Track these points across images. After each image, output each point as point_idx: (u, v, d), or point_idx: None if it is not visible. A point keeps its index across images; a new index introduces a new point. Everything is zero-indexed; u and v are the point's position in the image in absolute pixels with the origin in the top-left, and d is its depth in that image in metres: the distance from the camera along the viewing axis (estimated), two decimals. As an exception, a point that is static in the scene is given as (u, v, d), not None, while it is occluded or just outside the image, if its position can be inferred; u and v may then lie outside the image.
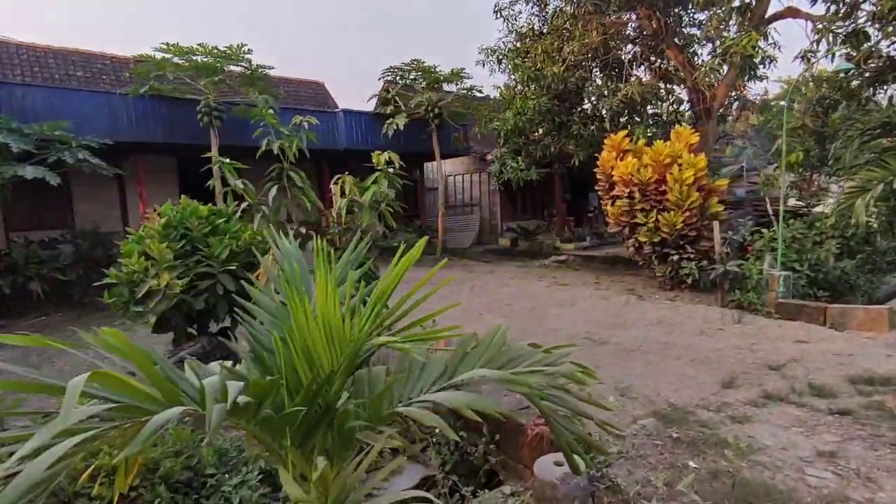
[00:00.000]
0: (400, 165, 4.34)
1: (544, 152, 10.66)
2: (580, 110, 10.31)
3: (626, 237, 8.65)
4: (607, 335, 5.87)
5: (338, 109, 13.08)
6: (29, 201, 11.45)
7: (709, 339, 5.56)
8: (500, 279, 10.27)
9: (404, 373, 2.02)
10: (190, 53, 9.01)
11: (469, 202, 19.34)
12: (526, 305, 7.70)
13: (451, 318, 6.82)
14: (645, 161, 8.18)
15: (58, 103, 9.07)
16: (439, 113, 13.17)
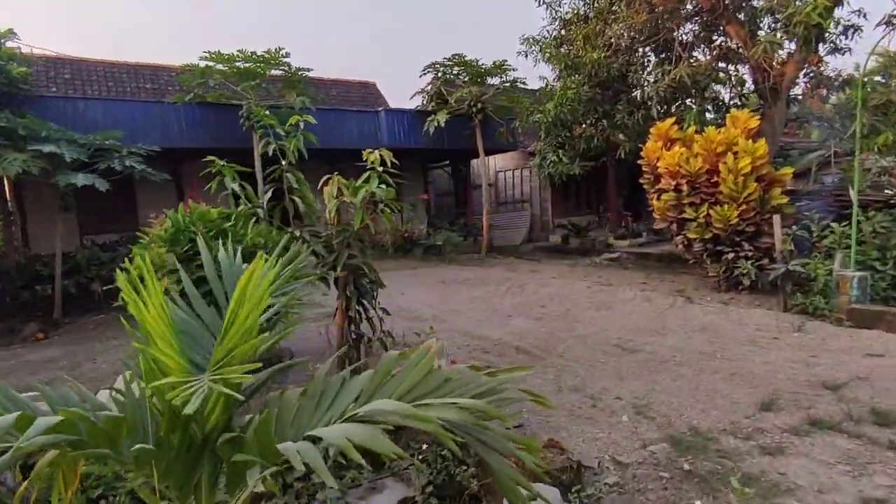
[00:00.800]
0: (393, 163, 4.11)
1: (588, 144, 10.04)
2: (626, 98, 9.57)
3: (674, 233, 7.94)
4: (640, 342, 5.35)
5: (380, 109, 13.09)
6: (100, 207, 12.38)
7: (758, 350, 4.91)
8: (541, 279, 9.82)
9: (314, 398, 1.79)
10: (231, 60, 9.30)
11: (520, 198, 18.83)
12: (560, 308, 7.25)
13: (476, 321, 6.54)
14: (695, 150, 7.44)
15: (115, 114, 9.68)
16: (482, 108, 12.83)
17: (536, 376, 4.53)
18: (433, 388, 1.75)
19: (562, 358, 5.03)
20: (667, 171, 7.62)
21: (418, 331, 4.65)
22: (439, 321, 6.84)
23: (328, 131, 12.21)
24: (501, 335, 5.97)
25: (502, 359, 5.11)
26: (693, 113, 8.36)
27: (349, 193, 3.75)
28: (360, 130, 12.69)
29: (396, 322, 6.92)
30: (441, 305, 7.80)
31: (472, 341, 5.79)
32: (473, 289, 9.04)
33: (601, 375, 4.46)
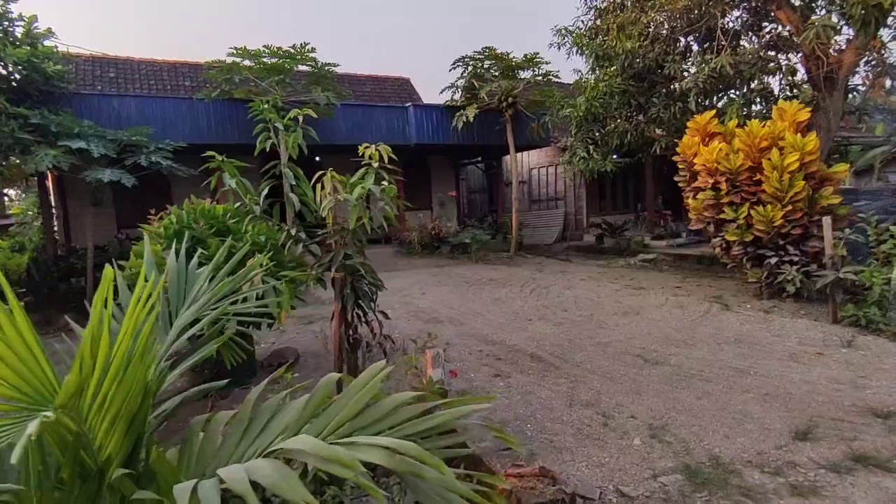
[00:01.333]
0: (391, 159, 3.89)
1: (621, 140, 9.51)
2: (662, 90, 8.98)
3: (712, 235, 7.38)
4: (666, 354, 4.94)
5: (408, 104, 12.92)
6: (136, 202, 12.76)
7: (798, 367, 4.42)
8: (568, 280, 9.41)
9: (242, 426, 1.57)
10: (257, 56, 9.32)
11: (553, 196, 18.31)
12: (584, 312, 6.87)
13: (494, 325, 6.25)
14: (736, 145, 6.88)
15: (147, 111, 9.90)
16: (513, 102, 12.45)
17: (548, 388, 4.23)
18: (375, 420, 1.51)
19: (579, 368, 4.70)
20: (704, 168, 7.08)
21: (416, 336, 4.37)
22: (457, 323, 6.61)
23: (357, 127, 12.17)
24: (518, 341, 5.67)
25: (514, 367, 4.82)
26: (736, 105, 7.72)
27: (344, 190, 3.55)
28: (388, 126, 12.56)
29: (412, 323, 6.76)
30: (461, 307, 7.55)
31: (486, 346, 5.51)
32: (497, 290, 8.74)
33: (618, 389, 4.10)
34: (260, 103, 4.81)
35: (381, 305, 7.82)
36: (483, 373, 4.69)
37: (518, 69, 12.20)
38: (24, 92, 8.16)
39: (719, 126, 7.33)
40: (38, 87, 8.37)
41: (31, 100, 8.33)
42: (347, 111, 12.11)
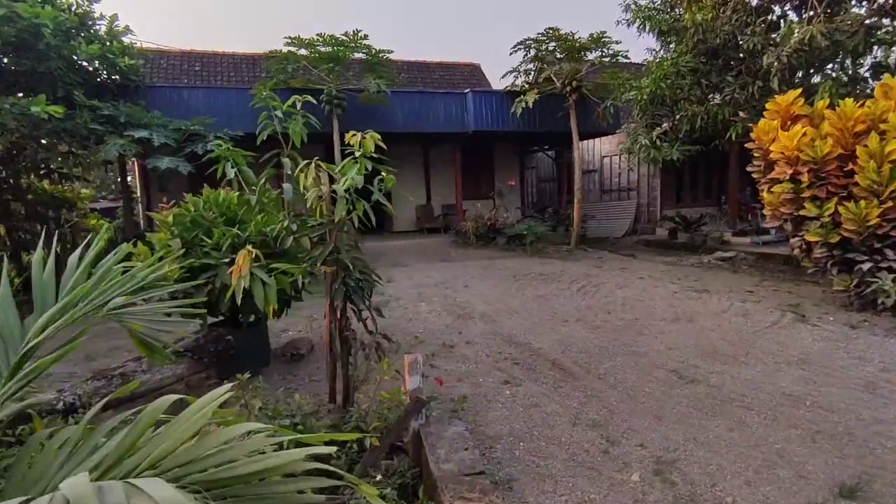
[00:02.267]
0: (378, 147, 3.62)
1: (692, 125, 8.49)
2: (738, 68, 7.84)
3: (790, 234, 6.39)
4: (707, 371, 4.30)
5: (467, 90, 12.56)
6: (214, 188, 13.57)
7: (873, 401, 3.64)
8: (624, 278, 8.68)
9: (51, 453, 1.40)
10: (311, 44, 9.42)
11: (626, 186, 17.13)
12: (629, 316, 6.24)
13: (527, 324, 5.86)
14: (824, 130, 5.85)
15: (213, 101, 10.40)
16: (578, 86, 11.68)
17: (557, 401, 3.81)
18: (196, 457, 1.28)
19: (600, 380, 4.21)
20: (782, 157, 6.11)
21: (441, 333, 4.09)
22: (488, 321, 6.28)
23: (414, 115, 12.04)
24: (545, 344, 5.24)
25: (530, 373, 4.43)
26: (829, 83, 6.56)
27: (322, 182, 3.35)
28: (446, 113, 12.30)
29: (442, 318, 6.50)
30: (499, 302, 7.19)
31: (508, 348, 5.15)
32: (543, 286, 8.25)
33: (636, 410, 3.60)
34: (261, 89, 4.73)
35: (422, 297, 7.72)
36: (494, 378, 4.35)
37: (583, 50, 11.39)
38: (102, 86, 8.85)
39: (805, 108, 6.28)
40: (115, 81, 9.04)
41: (109, 93, 9.02)
42: (404, 99, 12.01)
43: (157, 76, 16.16)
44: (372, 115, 11.50)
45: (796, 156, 5.94)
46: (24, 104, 6.77)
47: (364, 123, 11.52)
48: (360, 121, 11.41)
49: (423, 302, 7.41)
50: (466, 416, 3.64)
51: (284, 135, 4.60)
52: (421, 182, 15.88)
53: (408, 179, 15.71)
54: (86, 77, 8.40)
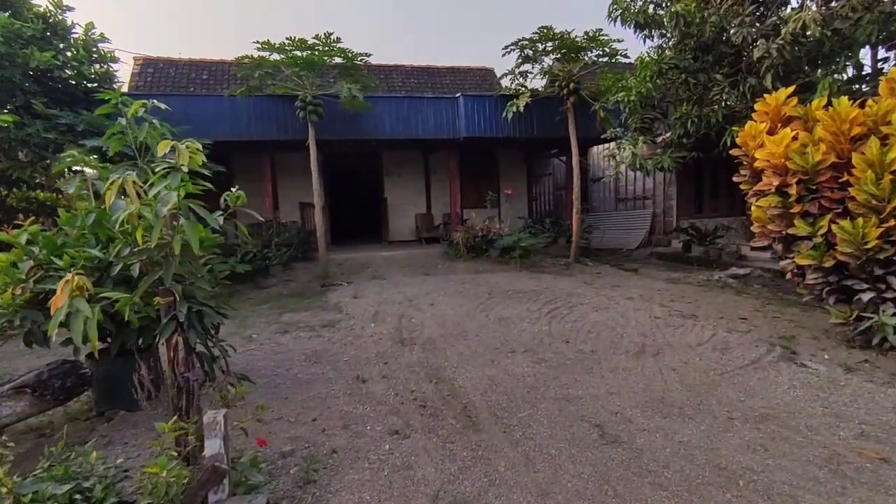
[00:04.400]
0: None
1: (685, 128, 7.58)
2: (727, 63, 6.86)
3: (780, 256, 5.48)
4: (640, 427, 3.55)
5: (458, 94, 11.95)
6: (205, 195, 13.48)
7: (829, 482, 2.82)
8: (609, 299, 7.86)
9: None
10: (282, 49, 9.07)
11: (641, 194, 16.06)
12: (588, 347, 5.48)
13: (467, 354, 5.20)
14: (817, 135, 4.96)
15: (190, 109, 10.20)
16: (575, 88, 10.89)
17: (435, 464, 3.17)
18: None
19: (504, 434, 3.53)
20: (768, 165, 5.24)
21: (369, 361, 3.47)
22: (429, 348, 5.65)
23: (402, 121, 11.55)
24: (470, 382, 4.58)
25: (429, 421, 3.79)
26: (828, 80, 5.60)
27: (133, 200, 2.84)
28: (436, 119, 11.74)
29: (381, 344, 5.87)
30: (454, 325, 6.55)
31: (424, 387, 4.52)
32: (514, 306, 7.54)
33: (521, 482, 2.91)
34: (115, 93, 4.30)
35: (377, 318, 7.16)
36: (384, 426, 3.74)
37: (580, 50, 10.59)
38: (71, 94, 8.74)
39: (799, 108, 5.38)
40: (84, 89, 8.94)
41: (80, 101, 8.91)
42: (392, 104, 11.53)
43: (165, 85, 16.34)
44: (355, 122, 11.09)
45: (784, 164, 5.06)
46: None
47: (347, 130, 11.18)
48: (343, 127, 11.03)
49: (375, 323, 6.85)
50: (321, 478, 3.05)
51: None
52: (421, 190, 15.36)
53: (407, 187, 15.24)
54: (50, 85, 8.30)
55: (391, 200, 14.99)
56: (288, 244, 11.31)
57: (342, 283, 9.73)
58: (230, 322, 7.40)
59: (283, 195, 14.08)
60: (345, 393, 4.42)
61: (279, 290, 9.61)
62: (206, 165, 8.38)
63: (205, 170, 3.22)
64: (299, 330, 6.66)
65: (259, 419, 3.87)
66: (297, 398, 4.38)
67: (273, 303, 8.59)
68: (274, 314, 7.74)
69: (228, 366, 3.44)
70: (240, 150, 12.28)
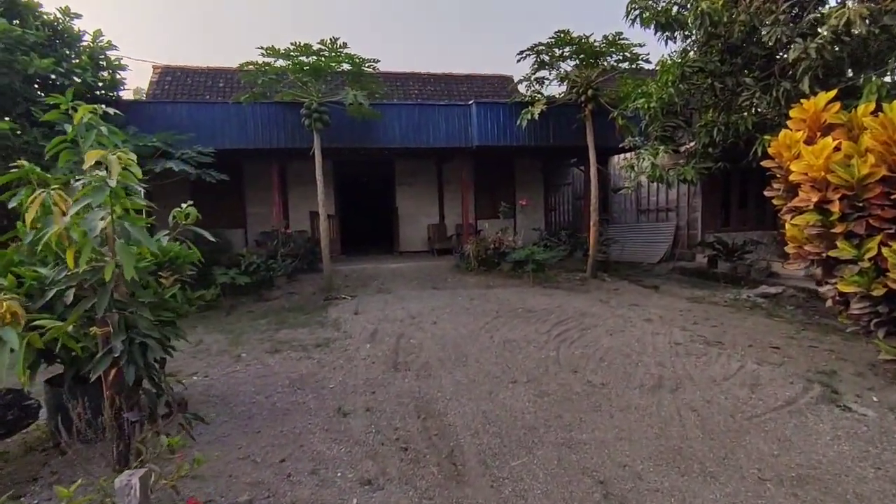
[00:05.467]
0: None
1: (710, 137, 6.97)
2: (759, 65, 6.24)
3: (820, 281, 4.86)
4: (651, 486, 3.02)
5: (471, 102, 11.54)
6: (213, 202, 13.35)
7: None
8: (624, 320, 7.28)
9: None
10: (286, 55, 8.82)
11: (664, 206, 15.34)
12: (599, 378, 4.94)
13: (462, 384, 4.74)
14: (864, 144, 4.36)
15: (197, 116, 10.05)
16: (594, 95, 10.37)
17: (409, 526, 2.69)
18: None
19: (492, 489, 3.05)
20: (806, 179, 4.65)
21: (357, 389, 3.06)
22: (423, 375, 5.19)
23: (412, 129, 11.19)
24: (462, 419, 4.10)
25: (408, 468, 3.33)
26: (877, 82, 4.98)
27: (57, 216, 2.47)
28: (448, 127, 11.35)
29: (375, 368, 5.36)
30: (454, 348, 6.08)
31: (410, 423, 4.05)
32: (522, 326, 7.03)
33: (504, 560, 2.42)
34: (64, 98, 3.96)
35: (374, 337, 6.72)
36: (356, 473, 3.28)
37: (598, 55, 10.08)
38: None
39: (842, 115, 4.78)
40: (89, 97, 8.82)
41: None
42: (402, 111, 11.19)
43: (181, 93, 16.36)
44: (364, 130, 10.77)
45: (824, 178, 4.47)
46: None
47: (355, 138, 10.86)
48: (351, 135, 10.72)
49: (371, 343, 6.43)
50: (272, 542, 2.61)
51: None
52: (434, 199, 14.97)
53: (420, 196, 14.87)
54: (50, 92, 8.19)
55: (403, 210, 14.63)
56: (294, 255, 11.02)
57: (346, 297, 9.35)
58: (223, 339, 7.08)
59: (293, 204, 13.86)
60: (322, 428, 3.98)
61: (281, 303, 9.29)
62: (211, 175, 8.12)
63: (210, 178, 2.94)
64: (291, 349, 6.28)
65: (220, 457, 3.48)
66: (269, 432, 3.96)
67: (272, 317, 8.25)
68: (270, 330, 7.39)
69: (174, 404, 3.03)
70: (250, 158, 12.10)
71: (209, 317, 8.59)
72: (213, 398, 4.73)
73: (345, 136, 10.59)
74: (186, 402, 4.45)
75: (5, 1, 7.99)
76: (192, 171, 8.21)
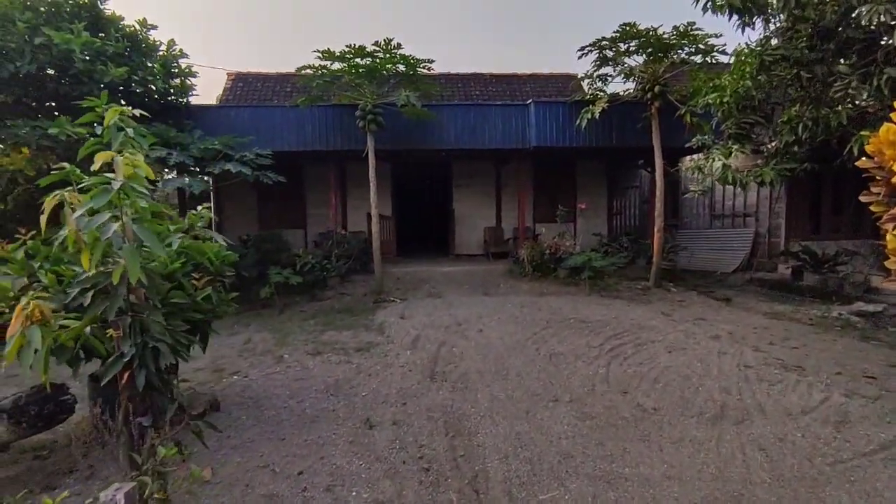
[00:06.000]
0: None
1: (796, 134, 6.12)
2: (856, 51, 5.34)
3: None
4: (699, 543, 2.58)
5: (529, 101, 11.12)
6: (276, 203, 13.82)
7: None
8: (687, 336, 6.64)
9: None
10: (342, 58, 8.87)
11: (742, 210, 14.08)
12: (650, 402, 4.46)
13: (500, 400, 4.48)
14: None
15: (258, 120, 10.39)
16: (661, 91, 9.66)
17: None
18: None
19: (516, 527, 2.74)
20: (911, 182, 3.92)
21: (387, 399, 2.95)
22: (459, 388, 4.95)
23: (468, 130, 10.98)
24: (493, 440, 3.81)
25: (426, 493, 3.09)
26: None
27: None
28: (504, 128, 11.02)
29: (408, 378, 5.20)
30: (497, 359, 5.77)
31: (437, 441, 3.81)
32: (573, 338, 6.60)
33: None
34: (98, 100, 3.98)
35: (416, 344, 6.55)
36: (372, 493, 3.09)
37: (668, 49, 9.35)
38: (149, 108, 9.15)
39: (961, 105, 3.99)
40: (160, 102, 9.34)
41: (158, 114, 9.33)
42: (458, 112, 10.99)
43: (252, 98, 17.13)
44: (419, 131, 10.67)
45: (935, 181, 3.74)
46: (45, 126, 7.01)
47: (410, 140, 10.79)
48: (406, 137, 10.66)
49: (412, 350, 6.26)
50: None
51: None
52: (491, 202, 14.65)
53: (477, 199, 14.61)
54: (126, 100, 8.75)
55: (459, 212, 14.43)
56: (348, 256, 11.13)
57: (395, 300, 9.28)
58: (271, 338, 7.19)
59: (352, 206, 14.06)
60: (346, 440, 3.84)
61: (332, 303, 9.37)
62: (268, 176, 8.26)
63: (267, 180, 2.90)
64: (332, 352, 6.24)
65: (240, 465, 3.41)
66: (294, 440, 3.87)
67: (321, 318, 8.31)
68: (316, 331, 7.42)
69: (189, 410, 2.98)
70: (310, 160, 12.39)
71: (264, 315, 8.81)
72: (247, 400, 4.73)
73: (400, 138, 10.54)
74: (219, 403, 4.48)
75: (91, 15, 8.62)
76: (249, 173, 8.45)
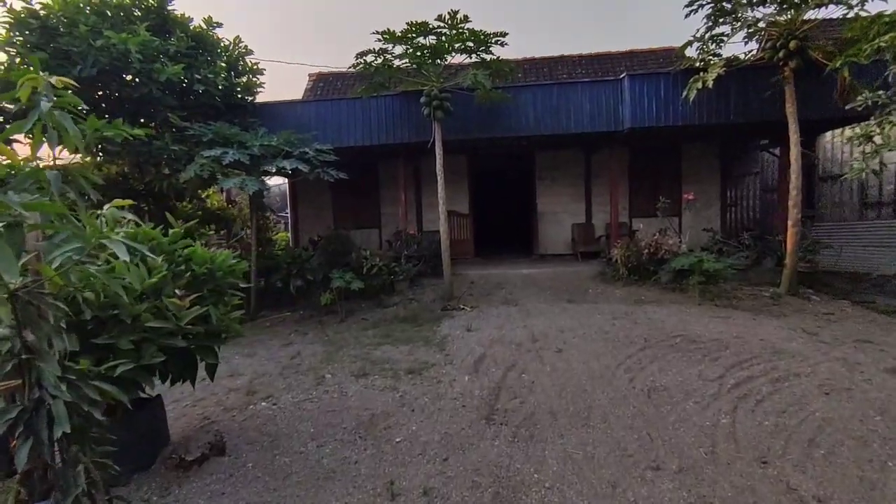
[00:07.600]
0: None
1: None
2: None
3: None
4: None
5: (623, 75, 9.46)
6: (351, 203, 13.41)
7: None
8: (852, 367, 4.88)
9: None
10: (404, 38, 7.96)
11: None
12: (807, 483, 2.98)
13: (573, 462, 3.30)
14: None
15: (323, 114, 9.88)
16: (798, 48, 7.64)
17: None
18: None
19: None
20: None
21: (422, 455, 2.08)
22: (525, 436, 3.80)
23: (550, 112, 9.66)
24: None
25: None
26: None
27: None
28: (593, 107, 9.50)
29: (457, 418, 4.08)
30: (578, 395, 4.52)
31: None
32: (678, 366, 5.12)
33: None
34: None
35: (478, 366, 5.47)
36: None
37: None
38: (212, 106, 8.95)
39: None
40: (225, 101, 9.11)
41: (223, 113, 9.11)
42: (537, 93, 9.64)
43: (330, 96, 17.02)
44: (493, 117, 9.50)
45: None
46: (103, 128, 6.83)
47: (482, 127, 9.65)
48: (478, 124, 9.57)
49: (472, 375, 5.17)
50: None
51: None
52: (580, 196, 13.07)
53: (563, 193, 13.12)
54: (190, 99, 8.58)
55: (543, 208, 13.03)
56: (419, 257, 10.29)
57: (465, 308, 8.24)
58: (321, 352, 6.48)
59: (428, 203, 13.24)
60: (355, 517, 2.86)
61: (397, 311, 8.54)
62: (329, 174, 7.50)
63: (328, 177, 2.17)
64: (379, 374, 5.34)
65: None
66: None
67: (381, 328, 7.51)
68: (371, 345, 6.60)
69: (100, 486, 2.14)
70: (383, 156, 11.75)
71: (325, 322, 8.23)
72: (263, 438, 3.95)
73: (472, 126, 9.46)
74: (224, 445, 3.72)
75: (158, 17, 8.54)
76: (307, 170, 7.86)
